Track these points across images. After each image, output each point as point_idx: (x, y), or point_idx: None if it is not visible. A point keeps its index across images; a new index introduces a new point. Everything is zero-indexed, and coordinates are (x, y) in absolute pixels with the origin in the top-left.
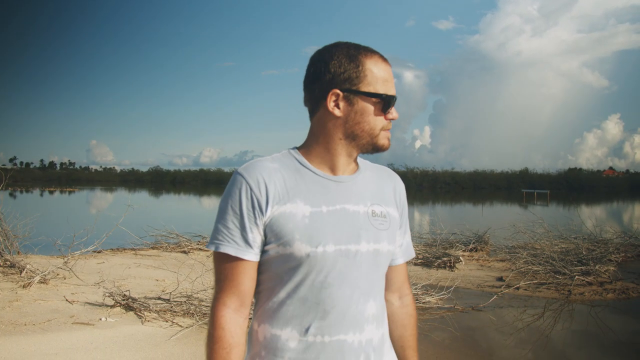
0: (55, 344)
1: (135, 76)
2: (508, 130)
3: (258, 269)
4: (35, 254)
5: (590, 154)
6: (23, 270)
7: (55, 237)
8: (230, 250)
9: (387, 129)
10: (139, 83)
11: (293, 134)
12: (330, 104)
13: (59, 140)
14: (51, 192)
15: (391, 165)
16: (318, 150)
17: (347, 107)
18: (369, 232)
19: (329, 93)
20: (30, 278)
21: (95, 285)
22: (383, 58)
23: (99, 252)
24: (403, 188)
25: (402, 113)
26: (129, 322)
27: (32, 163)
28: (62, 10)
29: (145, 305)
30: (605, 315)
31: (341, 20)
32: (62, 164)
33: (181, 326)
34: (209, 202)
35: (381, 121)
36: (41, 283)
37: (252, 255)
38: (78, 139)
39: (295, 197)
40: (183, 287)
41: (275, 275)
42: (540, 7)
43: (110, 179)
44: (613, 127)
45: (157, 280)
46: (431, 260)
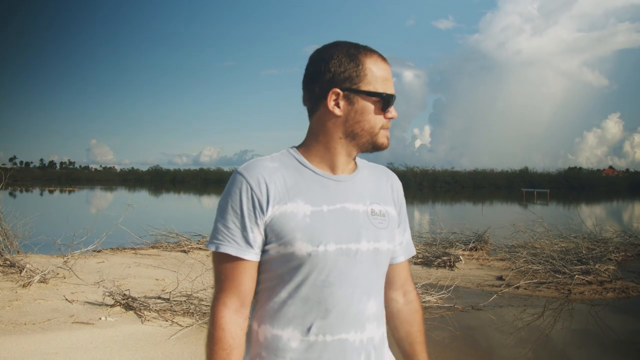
0: (55, 344)
1: (135, 76)
2: (508, 129)
3: (258, 269)
4: (35, 254)
5: (590, 153)
6: (23, 269)
7: (55, 237)
8: (230, 250)
9: (387, 128)
10: (139, 83)
11: (293, 134)
12: (330, 103)
13: (59, 139)
14: (51, 192)
15: (391, 164)
16: (318, 149)
17: (347, 106)
18: (369, 231)
19: (329, 92)
20: (30, 277)
21: (95, 284)
22: (382, 57)
23: (99, 252)
24: (400, 186)
25: (402, 112)
26: (129, 322)
27: (32, 162)
28: (62, 10)
29: (145, 304)
30: (605, 314)
31: (341, 19)
32: (62, 164)
33: (181, 325)
34: (209, 202)
35: (381, 120)
36: (41, 282)
37: (253, 255)
38: (78, 139)
39: (295, 197)
40: (183, 287)
41: (276, 275)
42: (540, 7)
43: (110, 179)
44: (613, 126)
45: (157, 279)
46: (431, 259)
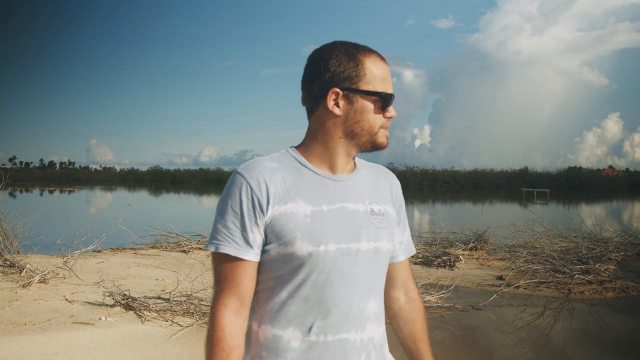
0: (55, 344)
1: (135, 76)
2: (508, 129)
3: (257, 270)
4: (35, 254)
5: (590, 153)
6: (23, 269)
7: (55, 237)
8: (230, 250)
9: (386, 127)
10: (139, 83)
11: (293, 133)
12: (330, 103)
13: (59, 139)
14: (51, 192)
15: (391, 164)
16: (317, 149)
17: (347, 106)
18: (369, 231)
19: (329, 92)
20: (30, 278)
21: (95, 284)
22: (381, 57)
23: (99, 252)
24: (399, 185)
25: (402, 112)
26: (129, 322)
27: (32, 162)
28: (62, 10)
29: (145, 304)
30: (605, 314)
31: (341, 19)
32: (62, 164)
33: (181, 325)
34: (209, 202)
35: (380, 119)
36: (41, 283)
37: (253, 255)
38: (78, 139)
39: (295, 197)
40: (183, 287)
41: (276, 275)
42: (540, 6)
43: (110, 179)
44: (613, 126)
45: (157, 279)
46: (431, 259)
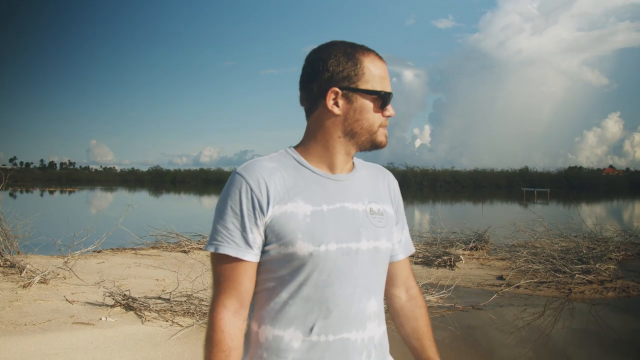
0: (55, 344)
1: (135, 76)
2: (508, 128)
3: (257, 270)
4: (35, 254)
5: (590, 153)
6: (23, 270)
7: (55, 237)
8: (230, 251)
9: (384, 126)
10: (139, 83)
11: (293, 133)
12: (329, 102)
13: (59, 140)
14: (51, 192)
15: (391, 164)
16: (316, 148)
17: (346, 105)
18: (369, 230)
19: (328, 91)
20: (30, 278)
21: (95, 285)
22: (379, 56)
23: (99, 252)
24: (396, 185)
25: (402, 112)
26: (129, 322)
27: (32, 163)
28: (62, 10)
29: (145, 304)
30: (605, 313)
31: (341, 19)
32: (62, 164)
33: (181, 326)
34: (209, 202)
35: (379, 118)
36: (41, 283)
37: (252, 256)
38: (78, 139)
39: (295, 197)
40: (183, 287)
41: (276, 275)
42: (540, 6)
43: (110, 179)
44: (613, 126)
45: (157, 279)
46: (431, 259)
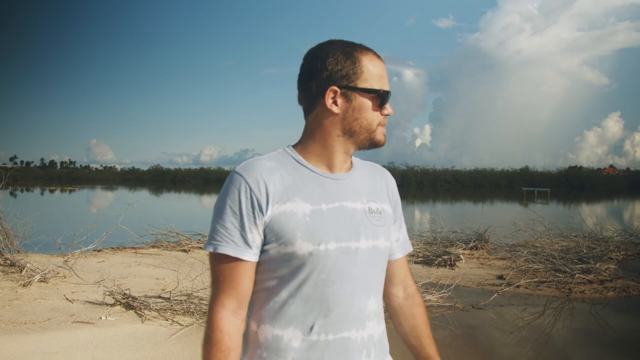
0: (55, 343)
1: (135, 75)
2: (508, 128)
3: (256, 270)
4: (35, 253)
5: (590, 152)
6: (23, 269)
7: (55, 236)
8: (229, 250)
9: (383, 125)
10: (139, 82)
11: (293, 132)
12: (328, 101)
13: (59, 139)
14: (51, 191)
15: (391, 163)
16: (315, 147)
17: (345, 104)
18: (368, 229)
19: (327, 90)
20: (30, 277)
21: (95, 283)
22: (377, 55)
23: (99, 251)
24: (394, 183)
25: (403, 111)
26: (129, 321)
27: (33, 162)
28: (62, 10)
29: (145, 303)
30: (605, 313)
31: (341, 19)
32: (63, 163)
33: (181, 325)
34: (210, 201)
35: (378, 117)
36: (41, 282)
37: (252, 255)
38: (78, 138)
39: (294, 196)
40: (183, 286)
41: (276, 275)
42: (540, 6)
43: (110, 178)
44: (613, 125)
45: (157, 278)
46: (432, 258)
